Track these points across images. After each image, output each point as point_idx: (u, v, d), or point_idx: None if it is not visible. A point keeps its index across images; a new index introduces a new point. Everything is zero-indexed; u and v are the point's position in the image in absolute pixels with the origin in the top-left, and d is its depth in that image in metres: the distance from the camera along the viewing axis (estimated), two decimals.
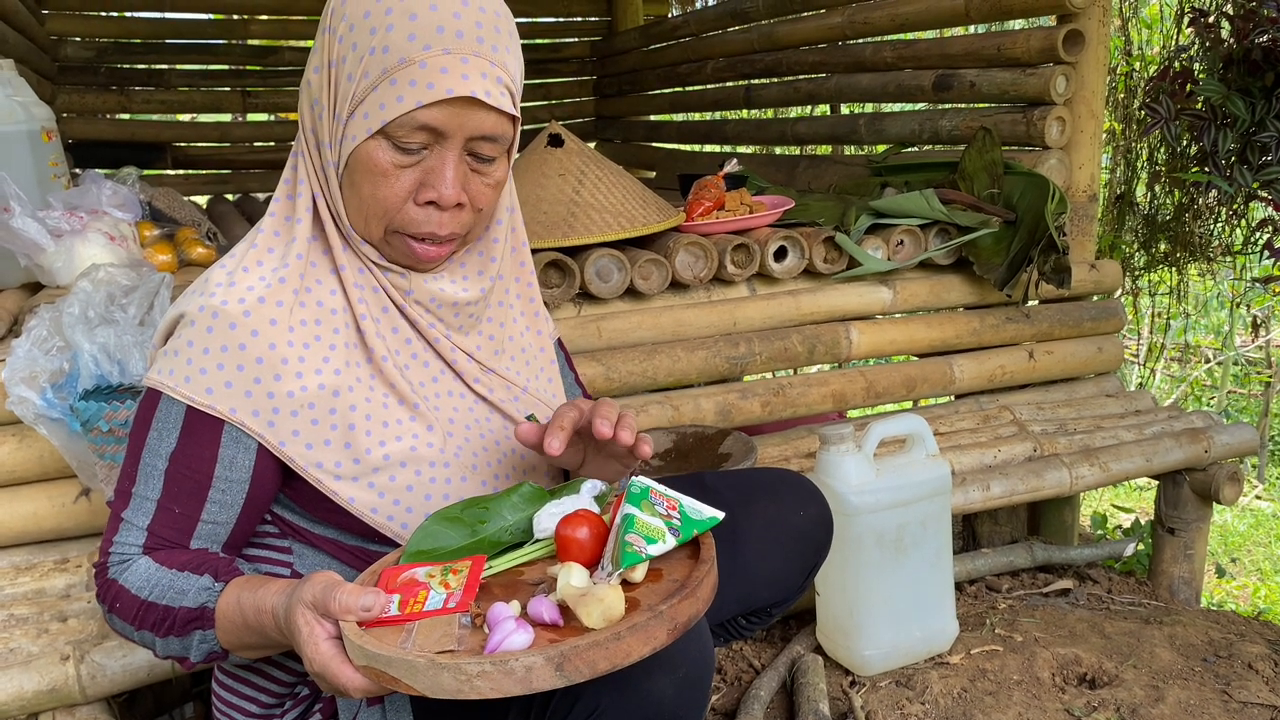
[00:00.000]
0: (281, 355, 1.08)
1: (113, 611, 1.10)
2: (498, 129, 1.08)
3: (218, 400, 1.07)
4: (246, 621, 1.03)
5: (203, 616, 1.06)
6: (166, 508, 1.10)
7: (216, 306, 1.07)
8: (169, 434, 1.09)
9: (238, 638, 1.06)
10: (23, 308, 1.95)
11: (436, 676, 0.83)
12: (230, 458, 1.09)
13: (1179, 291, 4.50)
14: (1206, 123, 2.66)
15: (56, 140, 2.27)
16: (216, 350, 1.07)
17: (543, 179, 2.26)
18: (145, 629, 1.09)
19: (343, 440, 1.10)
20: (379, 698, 1.10)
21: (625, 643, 0.84)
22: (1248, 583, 3.76)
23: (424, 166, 1.07)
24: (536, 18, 5.59)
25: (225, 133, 5.15)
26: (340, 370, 1.12)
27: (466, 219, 1.12)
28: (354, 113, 1.06)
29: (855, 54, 3.13)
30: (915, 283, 2.47)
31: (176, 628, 1.07)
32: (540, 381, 1.32)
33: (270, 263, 1.12)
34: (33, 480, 1.76)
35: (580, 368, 1.97)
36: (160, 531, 1.10)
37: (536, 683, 0.82)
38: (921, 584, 1.94)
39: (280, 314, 1.09)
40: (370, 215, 1.10)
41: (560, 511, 1.04)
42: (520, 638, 0.86)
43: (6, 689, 1.53)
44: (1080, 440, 2.43)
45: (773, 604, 1.42)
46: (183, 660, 1.11)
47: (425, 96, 1.02)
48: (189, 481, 1.09)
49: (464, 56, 1.03)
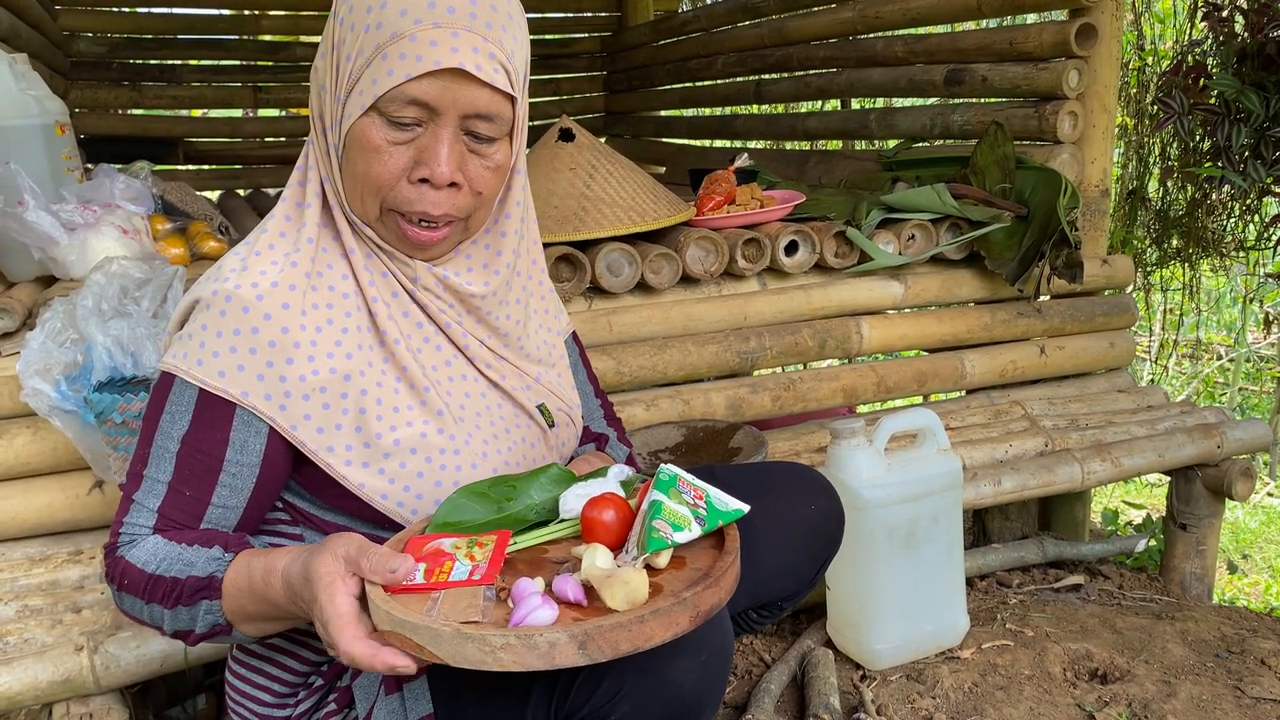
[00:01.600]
0: (294, 339, 1.08)
1: (122, 589, 1.10)
2: (492, 107, 1.07)
3: (230, 384, 1.07)
4: (253, 587, 1.04)
5: (210, 585, 1.06)
6: (177, 490, 1.10)
7: (230, 291, 1.08)
8: (181, 417, 1.09)
9: (240, 605, 1.06)
10: (37, 300, 1.96)
11: (461, 646, 0.84)
12: (242, 441, 1.10)
13: (1191, 287, 4.48)
14: (1220, 118, 2.64)
15: (70, 134, 2.28)
16: (230, 335, 1.07)
17: (554, 173, 2.26)
18: (154, 602, 1.08)
19: (354, 424, 1.11)
20: (397, 685, 1.10)
21: (648, 626, 0.85)
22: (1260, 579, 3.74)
23: (418, 145, 1.07)
24: (547, 13, 5.59)
25: (236, 128, 5.17)
26: (352, 354, 1.12)
27: (464, 201, 1.12)
28: (351, 91, 1.07)
29: (866, 49, 3.12)
30: (926, 277, 2.47)
31: (184, 597, 1.07)
32: (553, 375, 1.32)
33: (282, 247, 1.13)
34: (47, 472, 1.78)
35: (592, 362, 1.97)
36: (170, 514, 1.11)
37: (559, 659, 0.83)
38: (932, 579, 1.94)
39: (293, 298, 1.09)
40: (365, 193, 1.10)
41: (587, 494, 1.05)
42: (545, 613, 0.87)
43: (21, 679, 1.54)
44: (1092, 435, 2.42)
45: (783, 597, 1.42)
46: (188, 635, 1.10)
47: (414, 69, 1.02)
48: (200, 464, 1.10)
49: (454, 31, 1.03)
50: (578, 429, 1.35)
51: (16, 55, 2.21)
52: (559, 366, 1.35)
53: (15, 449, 1.74)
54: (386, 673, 0.93)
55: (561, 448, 1.30)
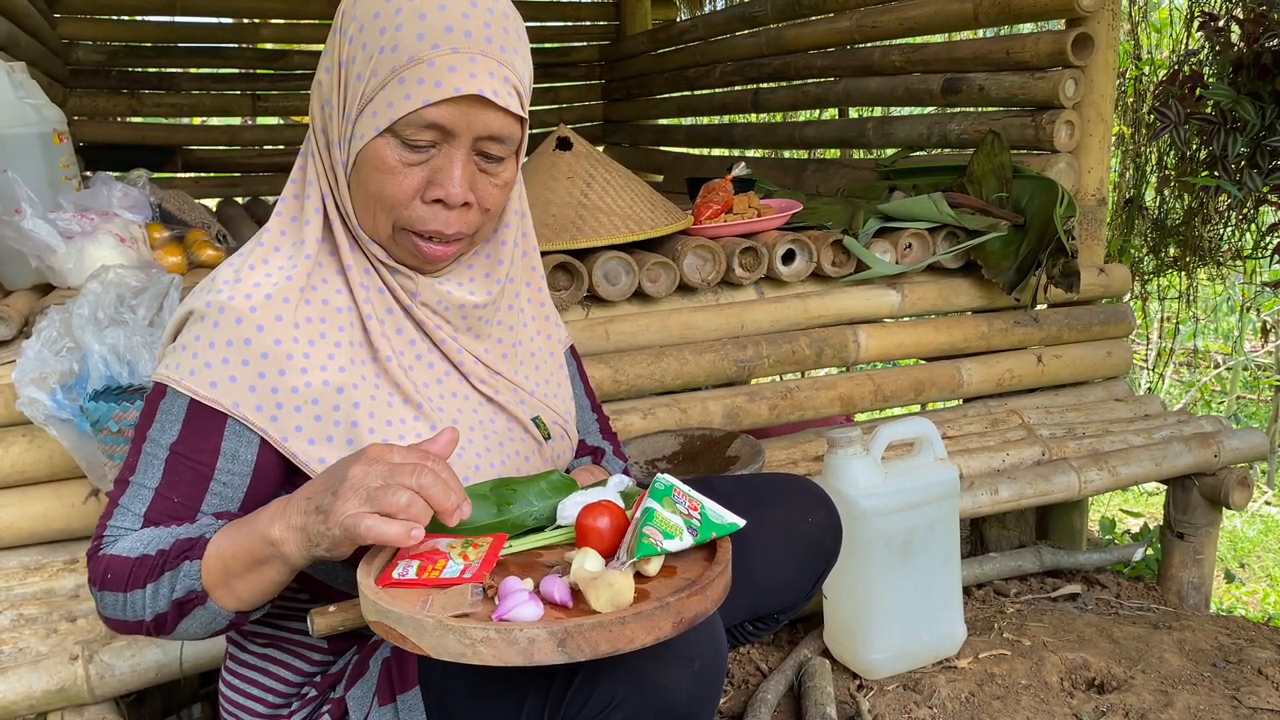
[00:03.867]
0: (286, 351, 1.08)
1: (104, 588, 1.06)
2: (505, 129, 1.08)
3: (221, 394, 1.07)
4: (239, 527, 1.01)
5: (197, 545, 1.03)
6: (164, 496, 1.09)
7: (223, 302, 1.08)
8: (171, 426, 1.09)
9: (219, 552, 1.01)
10: (33, 309, 1.96)
11: (442, 638, 0.85)
12: (233, 451, 1.09)
13: (1188, 296, 4.48)
14: (1216, 127, 2.65)
15: (68, 142, 2.28)
16: (222, 345, 1.07)
17: (551, 182, 2.26)
18: (135, 588, 1.04)
19: (345, 437, 1.11)
20: (391, 696, 1.10)
21: (629, 628, 0.85)
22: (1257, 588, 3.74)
23: (432, 165, 1.08)
24: (545, 22, 5.61)
25: (235, 136, 5.19)
26: (345, 368, 1.12)
27: (474, 219, 1.13)
28: (363, 111, 1.07)
29: (863, 58, 3.13)
30: (923, 286, 2.47)
31: (170, 561, 1.03)
32: (549, 387, 1.32)
33: (277, 260, 1.13)
34: (42, 481, 1.77)
35: (588, 370, 1.97)
36: (156, 519, 1.09)
37: (538, 655, 0.84)
38: (929, 588, 1.94)
39: (286, 310, 1.09)
40: (378, 211, 1.11)
41: (585, 501, 1.05)
42: (529, 610, 0.88)
43: (15, 688, 1.54)
44: (1089, 444, 2.42)
45: (780, 610, 1.41)
46: (165, 619, 1.05)
47: (433, 95, 1.03)
48: (190, 472, 1.09)
49: (472, 55, 1.03)
50: (573, 442, 1.35)
51: (15, 64, 2.21)
52: (557, 376, 1.35)
53: (11, 457, 1.74)
54: (370, 539, 0.92)
55: (556, 460, 1.30)
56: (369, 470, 0.95)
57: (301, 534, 0.97)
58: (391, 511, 0.92)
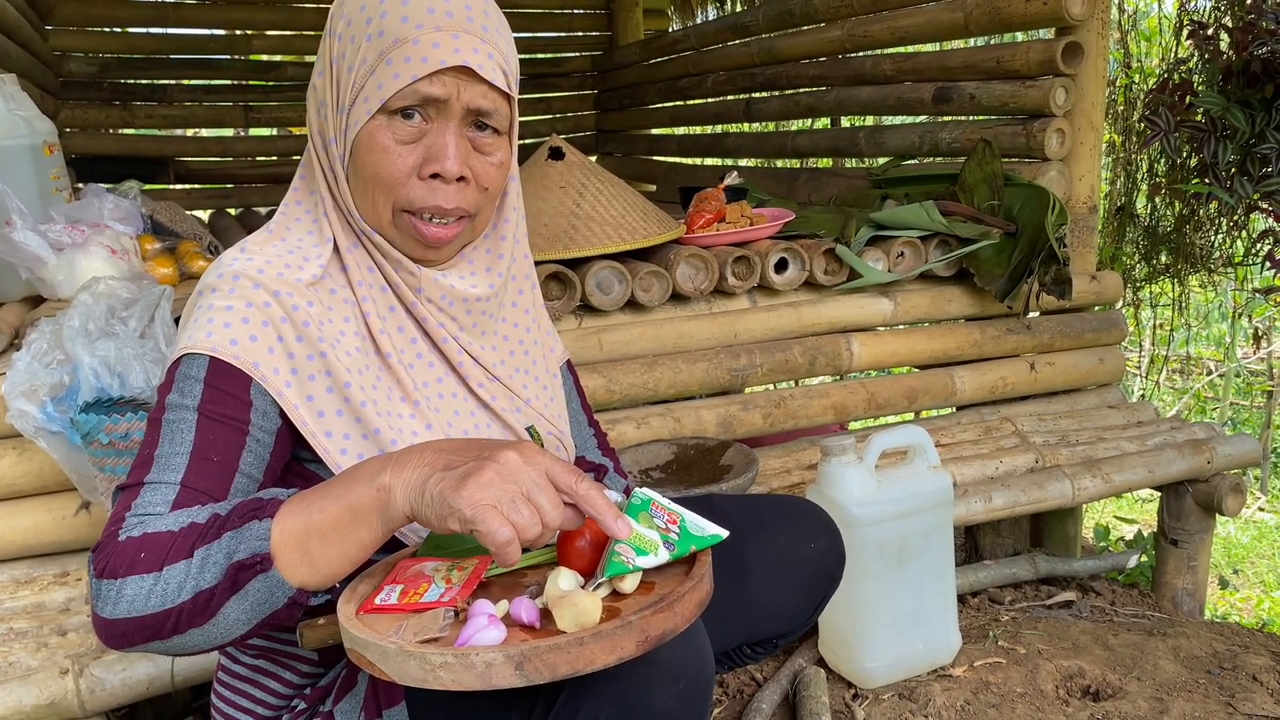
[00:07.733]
0: (303, 318, 1.08)
1: (131, 572, 0.90)
2: (494, 104, 1.10)
3: (243, 352, 1.04)
4: (325, 485, 0.94)
5: (266, 505, 0.92)
6: (201, 457, 0.99)
7: (237, 271, 1.08)
8: (193, 388, 1.03)
9: (304, 506, 0.92)
10: (24, 321, 1.95)
11: (404, 664, 0.85)
12: (262, 408, 1.05)
13: (1180, 303, 4.50)
14: (1206, 134, 2.66)
15: (58, 154, 2.28)
16: (241, 307, 1.06)
17: (544, 191, 2.26)
18: (179, 559, 0.90)
19: (353, 416, 1.10)
20: (377, 710, 1.09)
21: (588, 649, 0.84)
22: (1251, 594, 3.75)
23: (425, 143, 1.10)
24: (538, 32, 5.62)
25: (227, 147, 5.17)
26: (351, 353, 1.12)
27: (472, 196, 1.13)
28: (355, 100, 1.09)
29: (855, 67, 3.14)
30: (916, 294, 2.47)
31: (231, 521, 0.91)
32: (544, 396, 1.32)
33: (281, 248, 1.14)
34: (33, 493, 1.76)
35: (582, 380, 1.97)
36: (196, 482, 0.98)
37: (496, 679, 0.83)
38: (924, 596, 1.93)
39: (298, 289, 1.10)
40: (376, 195, 1.11)
41: None
42: (490, 634, 0.87)
43: (5, 702, 1.53)
44: (1082, 451, 2.42)
45: (779, 635, 1.40)
46: (212, 593, 0.90)
47: (420, 70, 1.05)
48: (223, 428, 1.02)
49: (455, 33, 1.07)
50: (569, 453, 1.34)
51: (6, 75, 2.21)
52: (553, 388, 1.35)
53: (0, 470, 1.73)
54: (478, 537, 0.85)
55: None
56: (524, 470, 0.88)
57: (419, 489, 0.89)
58: (516, 525, 0.86)
